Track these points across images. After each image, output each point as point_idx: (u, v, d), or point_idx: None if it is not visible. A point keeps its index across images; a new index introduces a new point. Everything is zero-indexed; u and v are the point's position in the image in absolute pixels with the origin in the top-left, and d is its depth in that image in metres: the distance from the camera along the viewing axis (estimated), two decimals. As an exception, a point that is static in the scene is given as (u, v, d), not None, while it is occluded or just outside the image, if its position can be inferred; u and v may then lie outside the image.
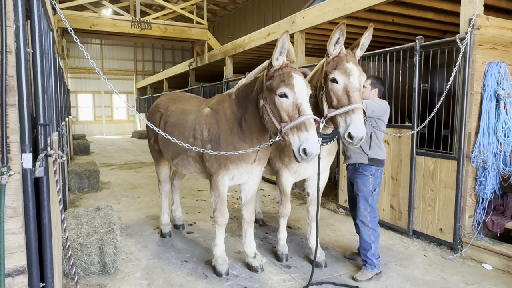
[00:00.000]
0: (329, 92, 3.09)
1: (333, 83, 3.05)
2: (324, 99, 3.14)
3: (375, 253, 3.65)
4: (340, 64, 3.04)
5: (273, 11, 18.65)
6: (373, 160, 3.64)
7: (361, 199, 3.67)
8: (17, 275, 1.93)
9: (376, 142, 3.67)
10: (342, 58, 3.07)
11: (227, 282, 3.61)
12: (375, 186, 3.67)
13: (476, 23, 4.01)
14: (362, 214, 3.67)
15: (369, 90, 3.72)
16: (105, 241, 3.67)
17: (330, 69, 3.07)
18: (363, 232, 3.67)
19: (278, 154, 3.86)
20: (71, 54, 22.49)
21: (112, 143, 18.60)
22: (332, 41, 3.04)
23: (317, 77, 3.35)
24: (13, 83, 1.87)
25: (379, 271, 3.70)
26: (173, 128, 4.00)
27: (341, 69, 3.02)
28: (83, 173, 7.47)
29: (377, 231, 3.70)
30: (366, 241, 3.65)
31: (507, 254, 3.85)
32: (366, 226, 3.65)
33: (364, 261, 3.69)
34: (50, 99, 3.10)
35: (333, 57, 3.11)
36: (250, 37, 9.08)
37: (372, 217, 3.67)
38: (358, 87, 3.05)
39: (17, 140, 1.89)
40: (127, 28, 10.71)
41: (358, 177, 3.69)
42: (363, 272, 3.68)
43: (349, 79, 3.01)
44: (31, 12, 2.15)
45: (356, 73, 3.04)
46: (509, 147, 4.04)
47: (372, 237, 3.65)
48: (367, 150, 3.64)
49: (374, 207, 3.70)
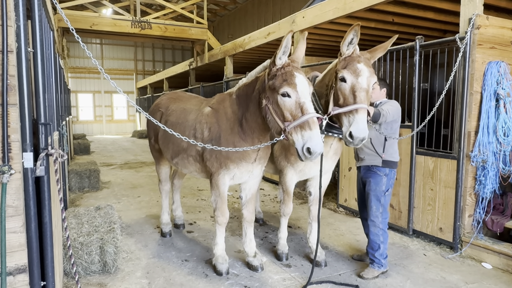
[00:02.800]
0: (337, 91, 3.12)
1: (341, 82, 3.07)
2: (331, 97, 3.17)
3: (383, 253, 3.66)
4: (351, 64, 3.06)
5: (273, 10, 18.65)
6: (386, 162, 3.63)
7: (373, 198, 3.65)
8: (18, 274, 1.94)
9: (391, 144, 3.66)
10: (354, 58, 3.09)
11: (228, 281, 3.62)
12: (388, 187, 3.66)
13: (476, 22, 4.01)
14: (374, 214, 3.65)
15: (378, 90, 3.71)
16: (106, 240, 3.68)
17: (340, 68, 3.09)
18: (372, 232, 3.66)
19: (284, 153, 3.86)
20: (71, 54, 22.53)
21: (112, 143, 18.61)
22: (346, 41, 3.06)
23: (329, 76, 3.38)
24: (14, 82, 1.88)
25: (386, 269, 3.72)
26: (173, 127, 4.00)
27: (351, 69, 3.04)
28: (84, 172, 7.48)
29: (386, 232, 3.70)
30: (375, 242, 3.64)
31: (506, 253, 3.85)
32: (377, 226, 3.64)
33: (372, 260, 3.70)
34: (50, 99, 3.10)
35: (345, 56, 3.12)
36: (250, 36, 9.08)
37: (383, 218, 3.67)
38: (366, 88, 3.04)
39: (18, 139, 1.90)
40: (127, 27, 10.71)
41: (372, 176, 3.68)
42: (370, 270, 3.69)
43: (357, 79, 3.02)
44: (32, 11, 2.15)
45: (366, 74, 3.04)
46: (508, 147, 4.04)
47: (382, 237, 3.64)
48: (381, 152, 3.62)
49: (386, 207, 3.69)
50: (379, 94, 3.74)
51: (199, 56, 13.11)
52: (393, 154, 3.66)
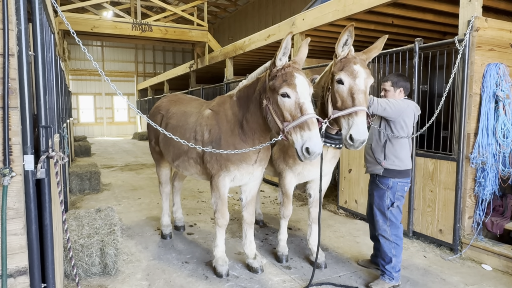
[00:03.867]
0: (334, 93, 3.08)
1: (339, 84, 3.05)
2: (329, 100, 3.14)
3: (395, 266, 3.46)
4: (347, 65, 3.03)
5: (273, 13, 18.69)
6: (389, 171, 3.42)
7: (378, 212, 3.50)
8: (19, 276, 1.95)
9: (392, 151, 3.41)
10: (349, 60, 3.06)
11: (228, 283, 3.62)
12: (393, 200, 3.44)
13: (475, 24, 4.02)
14: (381, 228, 3.49)
15: (393, 92, 3.49)
16: (106, 242, 3.69)
17: (337, 70, 3.07)
18: (384, 245, 3.48)
19: (282, 156, 3.85)
20: (72, 56, 22.58)
21: (113, 145, 18.62)
22: (340, 43, 3.05)
23: (325, 78, 3.37)
24: (15, 85, 1.89)
25: (397, 284, 3.50)
26: (174, 130, 4.01)
27: (348, 71, 3.01)
28: (84, 174, 7.49)
29: (400, 246, 3.47)
30: (387, 254, 3.46)
31: (506, 255, 3.86)
32: (387, 239, 3.46)
33: (382, 271, 3.52)
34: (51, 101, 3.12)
35: (341, 58, 3.11)
36: (250, 39, 9.11)
37: (393, 233, 3.46)
38: (364, 89, 3.02)
39: (19, 142, 1.91)
40: (128, 30, 10.75)
41: (374, 189, 3.54)
42: (380, 282, 3.51)
43: (354, 81, 3.00)
44: (32, 15, 2.17)
45: (363, 76, 3.02)
46: (508, 148, 4.05)
47: (394, 251, 3.44)
48: (381, 159, 3.43)
49: (396, 221, 3.47)
50: (395, 95, 3.48)
51: (199, 58, 13.14)
52: (397, 162, 3.40)
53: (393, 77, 3.54)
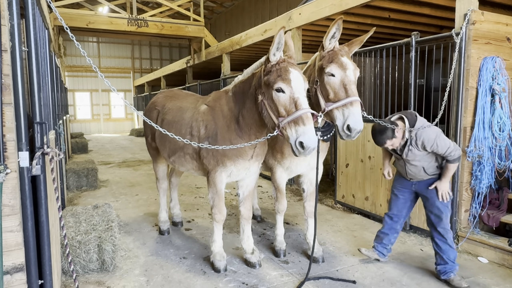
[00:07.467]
0: (325, 86, 3.09)
1: (330, 76, 3.05)
2: (319, 92, 3.15)
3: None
4: (336, 58, 3.05)
5: (270, 7, 18.62)
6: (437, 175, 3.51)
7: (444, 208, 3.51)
8: (16, 273, 1.95)
9: (432, 165, 3.44)
10: (337, 53, 3.09)
11: (225, 278, 3.63)
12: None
13: (471, 18, 4.02)
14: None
15: (400, 138, 3.38)
16: (104, 239, 3.69)
17: (326, 63, 3.07)
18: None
19: (270, 151, 3.87)
20: (68, 52, 22.42)
21: (110, 141, 18.58)
22: (328, 35, 3.07)
23: (309, 71, 3.37)
24: (8, 81, 1.88)
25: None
26: (170, 125, 4.00)
27: (337, 63, 3.04)
28: (81, 171, 7.47)
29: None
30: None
31: (502, 248, 3.88)
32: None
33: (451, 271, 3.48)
34: (46, 98, 3.10)
35: (328, 51, 3.13)
36: (247, 34, 9.07)
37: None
38: (354, 80, 3.06)
39: (14, 138, 1.90)
40: (123, 26, 10.67)
41: (432, 191, 3.53)
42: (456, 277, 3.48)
43: (345, 72, 3.03)
44: (25, 10, 2.15)
45: (351, 67, 3.07)
46: (504, 142, 4.07)
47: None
48: (428, 175, 3.49)
49: None
50: (400, 134, 3.38)
51: (196, 53, 13.09)
52: (438, 170, 3.48)
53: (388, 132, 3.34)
